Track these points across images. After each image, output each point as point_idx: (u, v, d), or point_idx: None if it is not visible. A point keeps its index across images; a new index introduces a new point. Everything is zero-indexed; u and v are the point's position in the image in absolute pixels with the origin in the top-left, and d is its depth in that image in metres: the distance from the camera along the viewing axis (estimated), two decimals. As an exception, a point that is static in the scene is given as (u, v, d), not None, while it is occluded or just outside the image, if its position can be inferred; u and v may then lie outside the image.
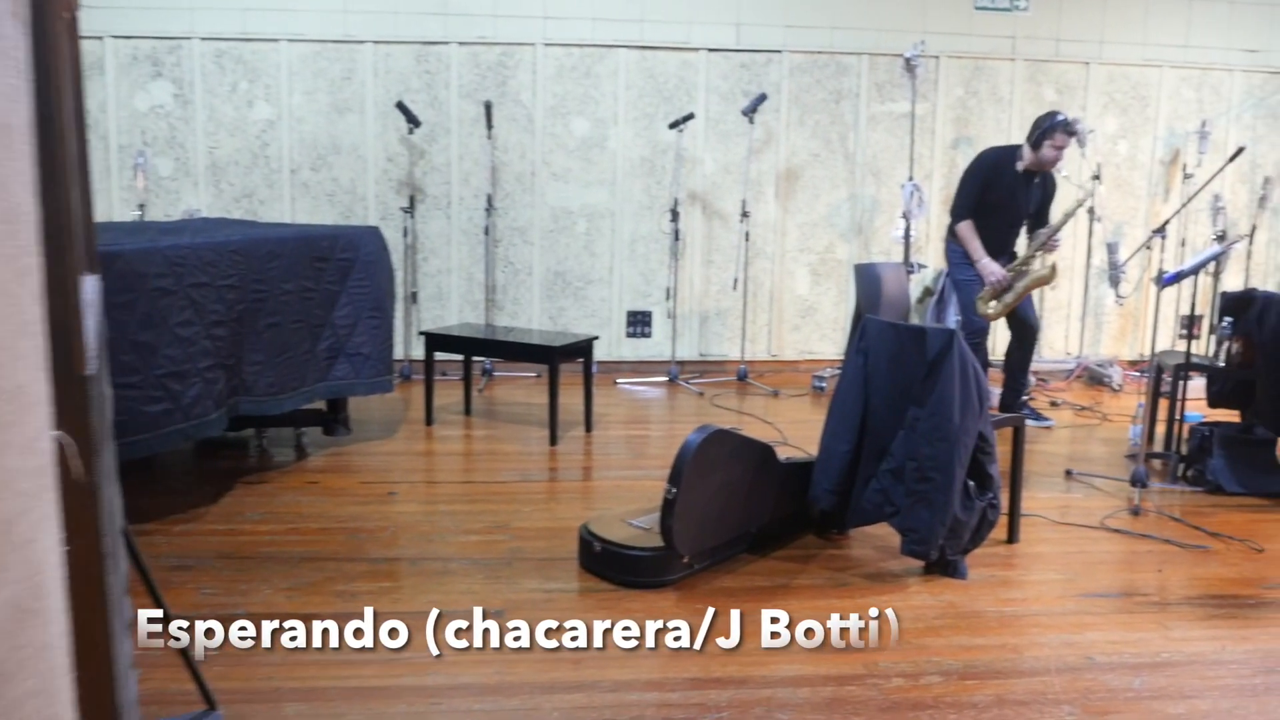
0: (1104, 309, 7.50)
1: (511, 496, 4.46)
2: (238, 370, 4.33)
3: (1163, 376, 5.51)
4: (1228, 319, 5.19)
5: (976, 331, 5.79)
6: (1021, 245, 5.78)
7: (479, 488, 4.59)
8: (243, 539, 3.87)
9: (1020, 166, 5.61)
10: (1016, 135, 6.46)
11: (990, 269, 5.61)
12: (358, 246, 4.99)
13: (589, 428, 5.61)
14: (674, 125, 6.70)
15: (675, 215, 6.74)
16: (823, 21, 7.08)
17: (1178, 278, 4.78)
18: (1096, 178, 7.13)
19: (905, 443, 3.65)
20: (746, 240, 6.91)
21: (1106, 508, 4.48)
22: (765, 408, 6.29)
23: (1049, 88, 7.29)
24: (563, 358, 5.33)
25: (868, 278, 6.28)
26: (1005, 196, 5.61)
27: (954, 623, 3.29)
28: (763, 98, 6.71)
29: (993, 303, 5.67)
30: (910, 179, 6.88)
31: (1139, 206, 7.50)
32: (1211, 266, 6.90)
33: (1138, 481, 4.61)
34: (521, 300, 7.10)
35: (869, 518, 3.79)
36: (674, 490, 3.37)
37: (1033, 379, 6.77)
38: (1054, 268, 5.49)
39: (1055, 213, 5.71)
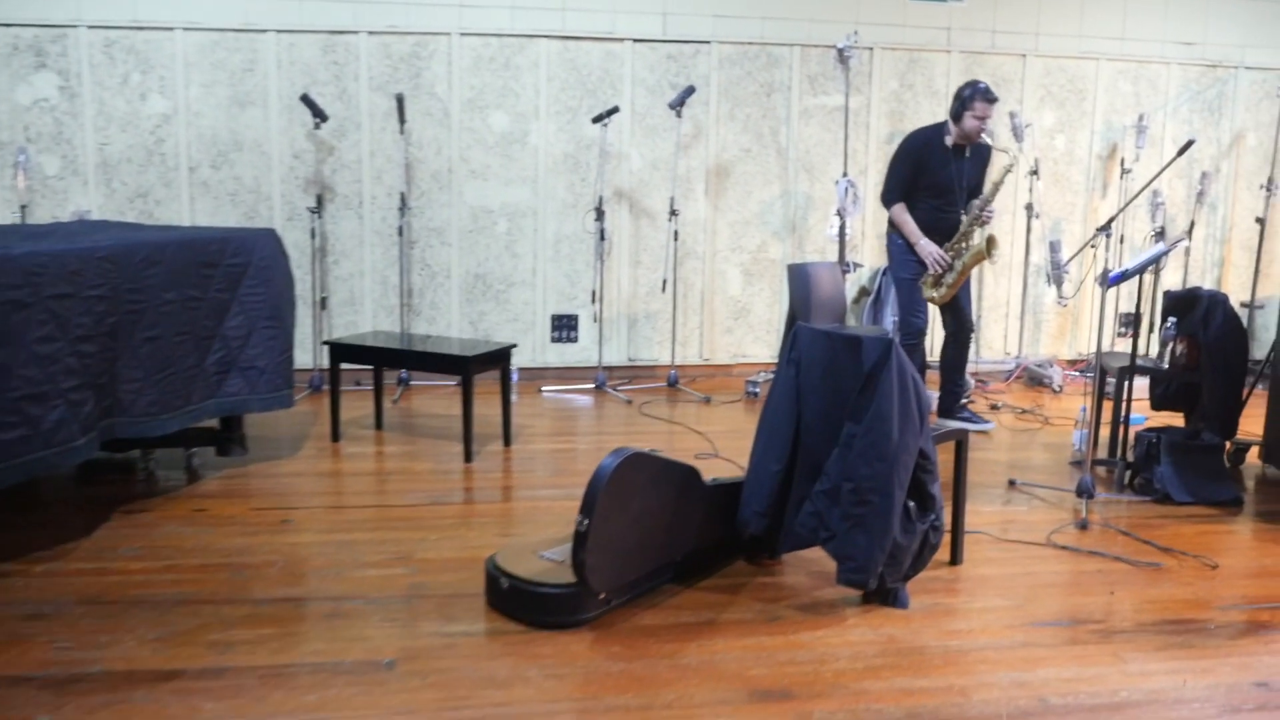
0: (1043, 308, 7.32)
1: (418, 522, 4.09)
2: (111, 389, 3.91)
3: (1106, 379, 5.30)
4: (1171, 319, 5.00)
5: (914, 333, 5.54)
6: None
7: (383, 512, 4.22)
8: (111, 579, 3.47)
9: (949, 141, 5.39)
10: (953, 129, 6.24)
11: (929, 250, 5.38)
12: (251, 250, 4.59)
13: (508, 441, 5.26)
14: (598, 119, 6.36)
15: (600, 214, 6.41)
16: (753, 11, 6.79)
17: (1123, 277, 4.56)
18: (1034, 173, 6.93)
19: (841, 462, 3.36)
20: (675, 240, 6.60)
21: (1052, 521, 4.24)
22: (696, 416, 5.99)
23: (985, 80, 7.05)
24: (478, 367, 4.98)
25: (800, 278, 6.01)
26: (939, 174, 5.39)
27: (895, 661, 3.00)
28: (690, 90, 6.41)
29: (936, 287, 5.44)
30: (844, 175, 6.62)
31: (1077, 202, 7.32)
32: (1161, 263, 6.74)
33: (1083, 492, 4.38)
34: (440, 305, 6.72)
35: (803, 542, 3.49)
36: (586, 521, 3.05)
37: (971, 381, 6.55)
38: (990, 240, 5.27)
39: (988, 185, 5.48)
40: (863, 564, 3.26)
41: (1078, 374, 7.19)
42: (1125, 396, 4.93)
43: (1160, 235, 6.98)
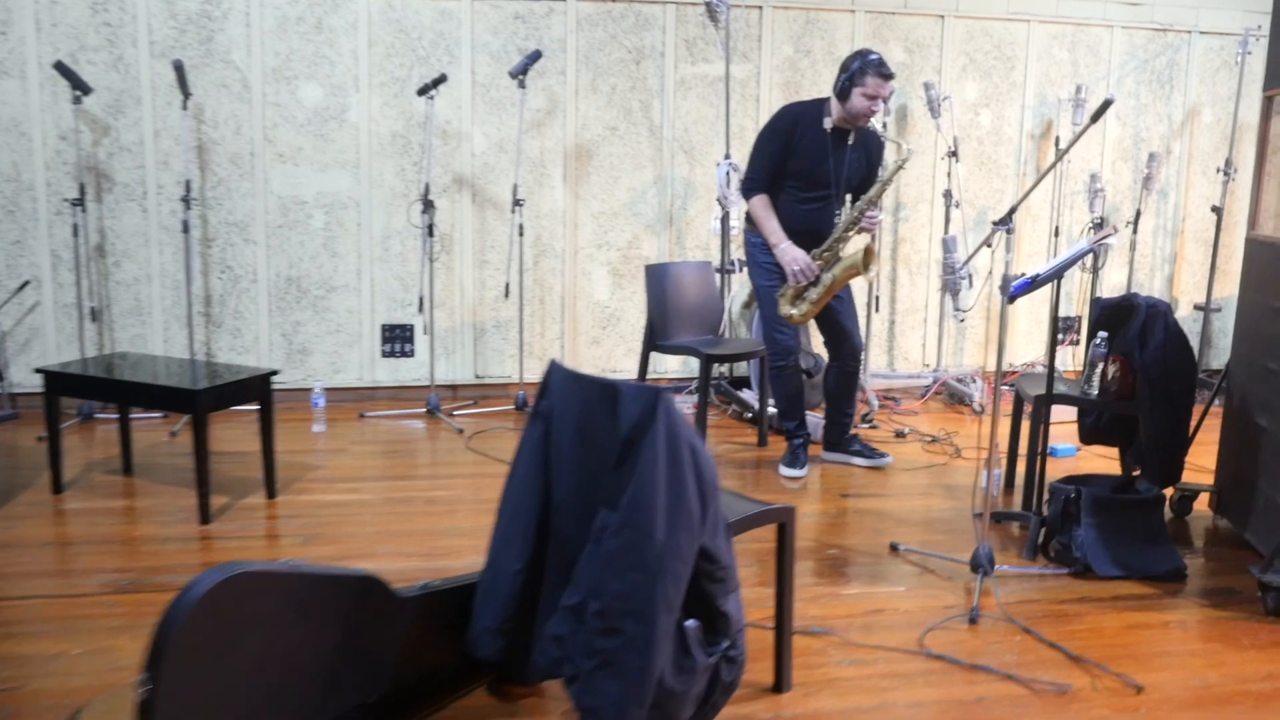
0: (966, 313, 6.28)
1: (71, 625, 2.99)
2: None
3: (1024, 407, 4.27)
4: (1101, 335, 3.97)
5: (781, 352, 4.49)
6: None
7: (43, 608, 3.12)
8: None
9: (829, 124, 4.31)
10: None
11: (791, 256, 4.31)
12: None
13: (271, 493, 4.17)
14: (423, 91, 5.26)
15: (428, 205, 5.31)
16: (618, -38, 5.71)
17: (1032, 285, 3.51)
18: (953, 154, 5.89)
19: (590, 566, 2.29)
20: (521, 235, 5.50)
21: (933, 609, 3.19)
22: (534, 451, 4.91)
23: (897, 45, 6.01)
24: (213, 403, 3.88)
25: (659, 283, 4.94)
26: (812, 161, 4.32)
27: None
28: (535, 56, 5.31)
29: (797, 303, 4.37)
30: (727, 156, 5.55)
31: (1005, 189, 6.28)
32: (1087, 261, 5.72)
33: (979, 566, 3.33)
34: (245, 314, 5.61)
35: (547, 673, 2.42)
36: (151, 682, 1.95)
37: (875, 400, 5.49)
38: (868, 252, 4.20)
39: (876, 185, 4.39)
40: (609, 725, 2.19)
41: (1008, 386, 6.15)
42: (1042, 433, 3.88)
43: (1100, 226, 5.96)
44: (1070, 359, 6.36)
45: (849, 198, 4.46)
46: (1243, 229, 6.49)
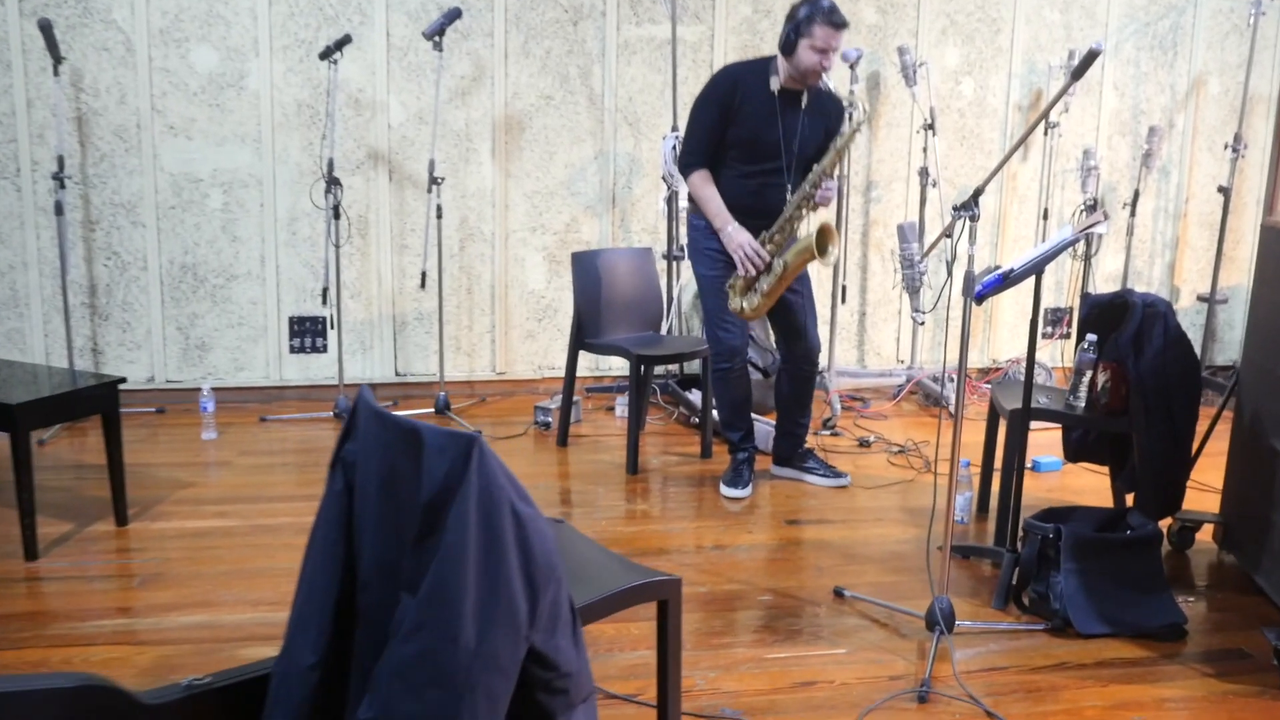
0: (946, 302, 5.65)
1: None
2: None
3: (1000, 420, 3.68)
4: (1089, 338, 3.37)
5: (725, 353, 3.89)
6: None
7: None
8: None
9: (776, 85, 3.69)
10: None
11: (737, 240, 3.69)
12: None
13: (122, 520, 3.58)
14: (326, 54, 4.63)
15: (333, 183, 4.69)
16: (553, -90, 5.07)
17: (1003, 283, 2.90)
18: (930, 127, 5.26)
19: (384, 674, 1.71)
20: (440, 217, 4.88)
21: (877, 683, 2.60)
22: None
23: (868, 5, 5.38)
24: (38, 419, 3.28)
25: (589, 272, 4.34)
26: (756, 131, 3.70)
27: None
28: (455, 14, 4.68)
29: (747, 295, 3.76)
30: (674, 129, 4.94)
31: (989, 166, 5.65)
32: (1079, 247, 5.11)
33: (935, 624, 2.75)
34: (134, 306, 5.00)
35: (347, 808, 1.84)
36: None
37: (839, 404, 4.89)
38: (824, 233, 3.58)
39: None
40: None
41: (988, 386, 5.54)
42: (1019, 455, 3.28)
43: (1093, 208, 5.34)
44: (1060, 355, 5.76)
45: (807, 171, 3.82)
46: (1252, 212, 5.87)
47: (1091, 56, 2.43)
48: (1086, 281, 5.52)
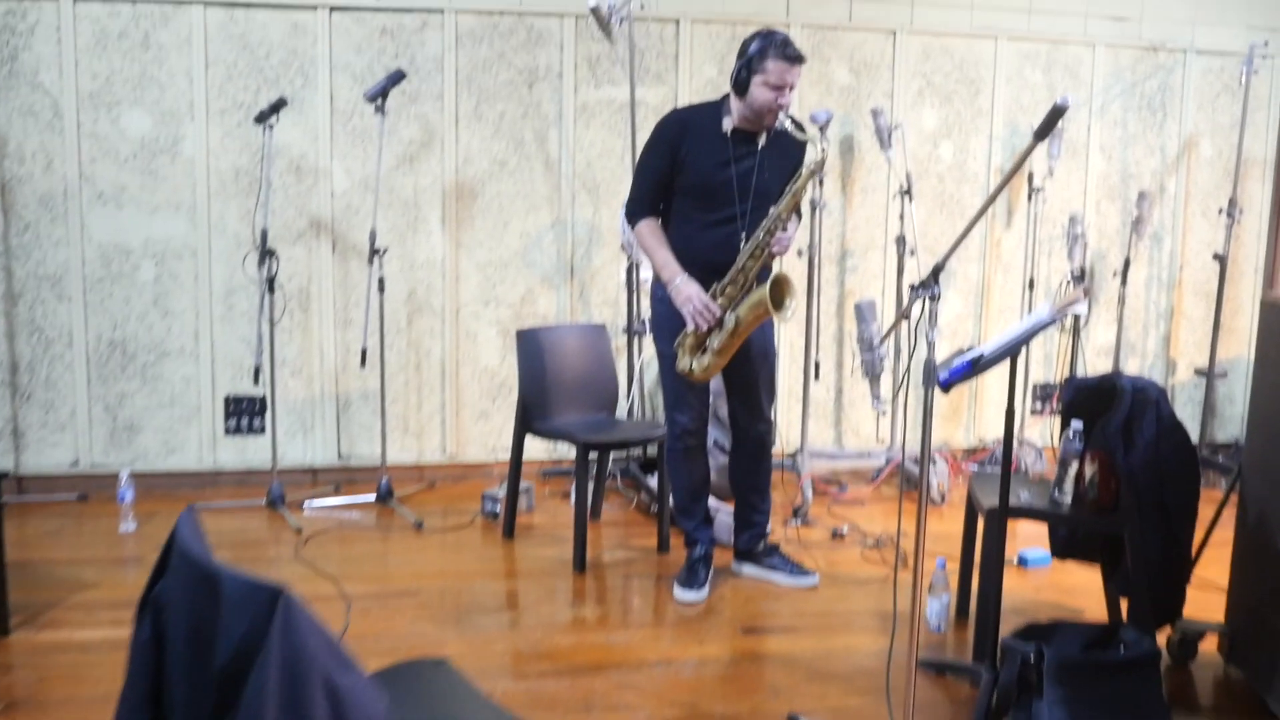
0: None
1: None
2: None
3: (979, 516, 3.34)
4: (1075, 425, 3.04)
5: (685, 432, 3.55)
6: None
7: None
8: None
9: (728, 126, 3.39)
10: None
11: (686, 293, 3.37)
12: None
13: (5, 629, 3.21)
14: (261, 119, 4.36)
15: (268, 254, 4.39)
16: (507, -32, 4.83)
17: (971, 369, 2.57)
18: (907, 193, 4.97)
19: None
20: (382, 291, 4.57)
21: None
22: (384, 556, 3.97)
23: (840, 65, 5.12)
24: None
25: (534, 352, 4.01)
26: (708, 176, 3.40)
27: None
28: (398, 76, 4.41)
29: (697, 355, 3.43)
30: (634, 197, 4.64)
31: (973, 232, 5.33)
32: (1066, 321, 4.80)
33: (901, 765, 2.37)
34: (59, 384, 4.68)
35: None
36: None
37: (810, 489, 4.54)
38: (779, 285, 3.27)
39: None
40: None
41: (976, 466, 5.21)
42: (996, 562, 2.92)
43: (1080, 278, 5.03)
44: (1050, 434, 5.41)
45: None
46: (1250, 280, 5.57)
47: (1057, 113, 2.13)
48: (1075, 355, 5.19)
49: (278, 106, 4.36)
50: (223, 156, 4.69)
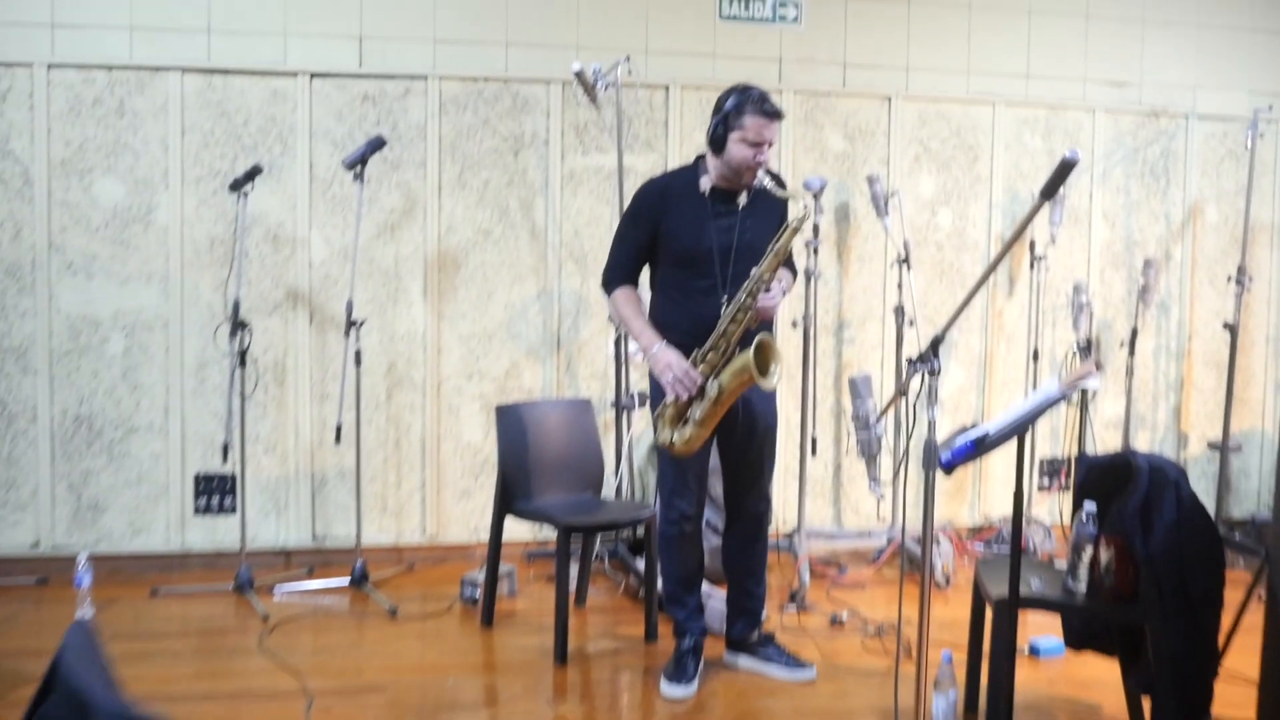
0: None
1: None
2: None
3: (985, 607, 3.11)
4: (1089, 506, 2.83)
5: (684, 518, 3.34)
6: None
7: None
8: None
9: (706, 186, 3.23)
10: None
11: (664, 361, 3.17)
12: None
13: (-71, 732, 2.98)
14: (235, 186, 4.23)
15: (239, 326, 4.21)
16: (492, 34, 4.73)
17: (975, 450, 2.37)
18: (905, 261, 4.81)
19: None
20: (359, 364, 4.39)
21: None
22: (357, 646, 3.73)
23: (834, 131, 5.00)
24: None
25: (515, 428, 3.82)
26: (688, 239, 3.24)
27: None
28: (378, 143, 4.28)
29: (678, 426, 3.22)
30: (622, 266, 4.47)
31: (974, 302, 5.15)
32: (1073, 396, 4.58)
33: None
34: (21, 461, 4.48)
35: None
36: None
37: (807, 573, 4.30)
38: (763, 349, 3.07)
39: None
40: None
41: (982, 545, 4.97)
42: (1006, 657, 2.69)
43: (1087, 350, 4.85)
44: (1059, 511, 5.18)
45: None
46: (1261, 350, 5.39)
47: (1066, 167, 1.97)
48: (1084, 429, 4.99)
49: (253, 174, 4.22)
50: (197, 225, 4.54)
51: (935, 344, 2.25)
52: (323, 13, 4.59)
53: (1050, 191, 2.04)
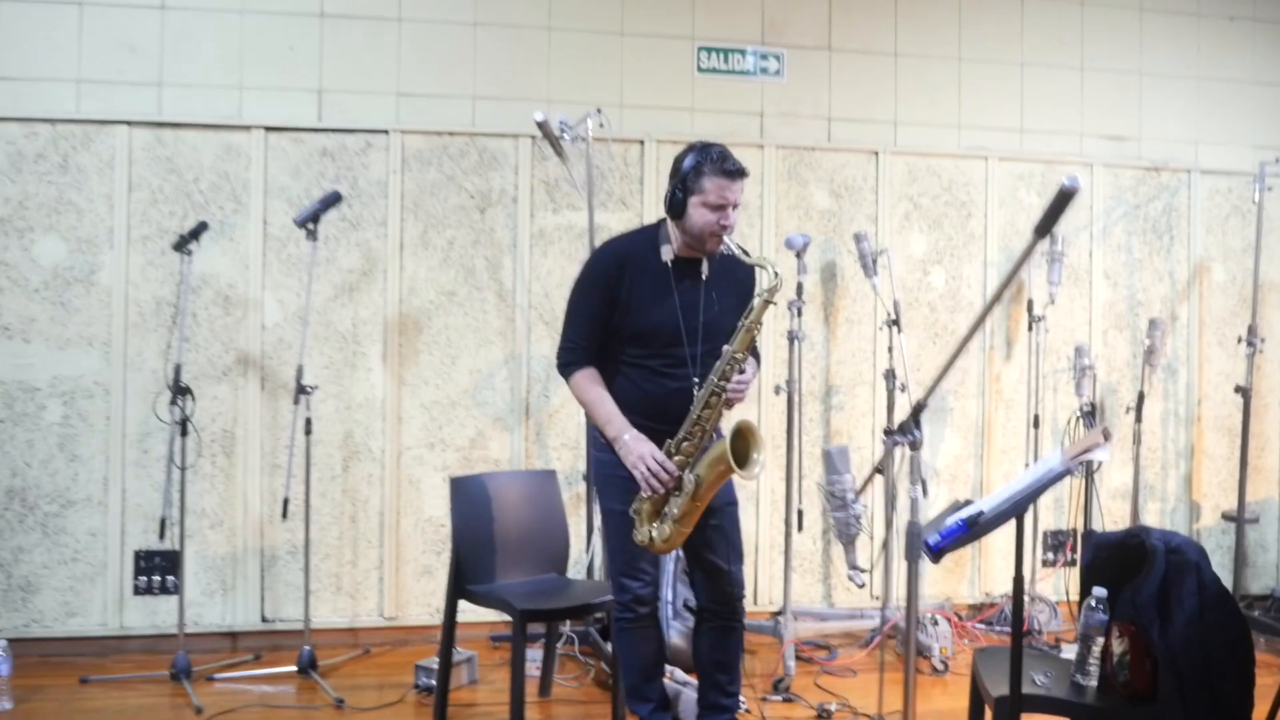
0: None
1: None
2: None
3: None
4: (1099, 592, 2.52)
5: (637, 600, 3.01)
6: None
7: None
8: None
9: (669, 255, 2.95)
10: (767, 255, 3.71)
11: (637, 453, 2.87)
12: None
13: None
14: (179, 245, 3.97)
15: (182, 393, 3.93)
16: (458, 87, 4.52)
17: (968, 532, 2.07)
18: (895, 323, 4.53)
19: None
20: (309, 433, 4.09)
21: None
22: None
23: (819, 188, 4.76)
24: None
25: (470, 502, 3.52)
26: (651, 313, 2.95)
27: None
28: (334, 199, 4.05)
29: (656, 523, 2.91)
30: (594, 328, 4.20)
31: (970, 366, 4.91)
32: (1083, 468, 4.27)
33: None
34: (-52, 540, 4.16)
35: None
36: None
37: (793, 659, 3.96)
38: (742, 435, 2.77)
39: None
40: None
41: (982, 626, 4.64)
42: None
43: (1090, 414, 4.55)
44: (1065, 587, 4.84)
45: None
46: (1275, 413, 5.09)
47: (1065, 196, 1.70)
48: (1090, 501, 4.67)
49: (198, 231, 3.98)
50: (143, 287, 4.29)
51: (917, 412, 1.97)
52: (280, 65, 4.39)
53: (1047, 226, 1.78)
